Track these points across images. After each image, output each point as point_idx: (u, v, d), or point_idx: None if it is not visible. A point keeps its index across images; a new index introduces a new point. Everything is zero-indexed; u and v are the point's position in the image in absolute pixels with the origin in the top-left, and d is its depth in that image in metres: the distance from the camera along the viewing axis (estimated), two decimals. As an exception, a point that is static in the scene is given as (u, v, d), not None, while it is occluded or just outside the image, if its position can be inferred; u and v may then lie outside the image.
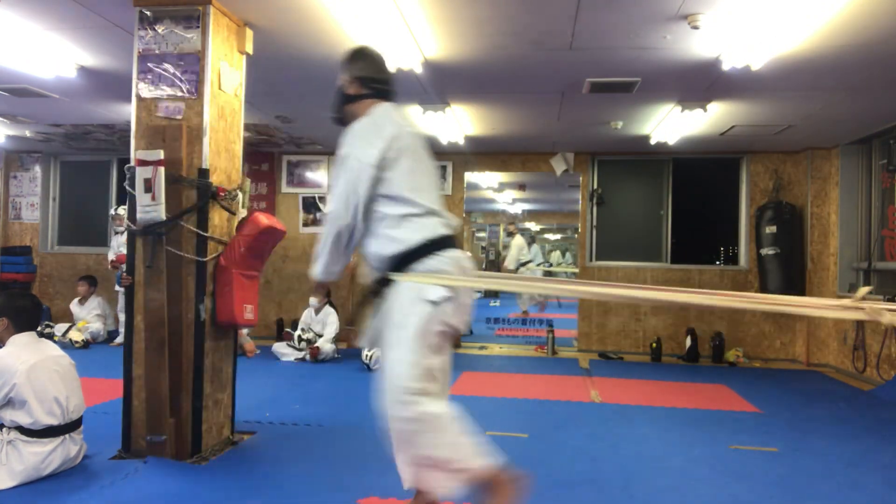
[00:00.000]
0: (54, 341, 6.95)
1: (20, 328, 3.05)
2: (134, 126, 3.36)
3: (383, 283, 2.41)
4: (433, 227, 2.39)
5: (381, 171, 2.32)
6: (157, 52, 3.36)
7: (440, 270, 2.31)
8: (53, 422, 2.96)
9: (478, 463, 2.27)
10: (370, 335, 2.53)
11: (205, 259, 3.28)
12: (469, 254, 2.52)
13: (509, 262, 11.76)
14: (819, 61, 4.15)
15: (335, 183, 2.40)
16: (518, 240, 12.07)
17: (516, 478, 2.30)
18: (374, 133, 2.36)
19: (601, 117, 5.90)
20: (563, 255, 19.61)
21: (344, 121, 2.55)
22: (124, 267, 3.35)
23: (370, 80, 2.51)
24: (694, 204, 7.60)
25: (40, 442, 2.93)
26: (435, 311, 2.26)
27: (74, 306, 7.59)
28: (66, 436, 3.03)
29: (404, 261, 2.33)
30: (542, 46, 4.06)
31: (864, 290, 1.98)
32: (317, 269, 2.54)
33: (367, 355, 6.03)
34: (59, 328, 7.33)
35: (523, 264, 11.86)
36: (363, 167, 2.30)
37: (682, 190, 7.59)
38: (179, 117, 3.32)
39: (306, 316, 6.92)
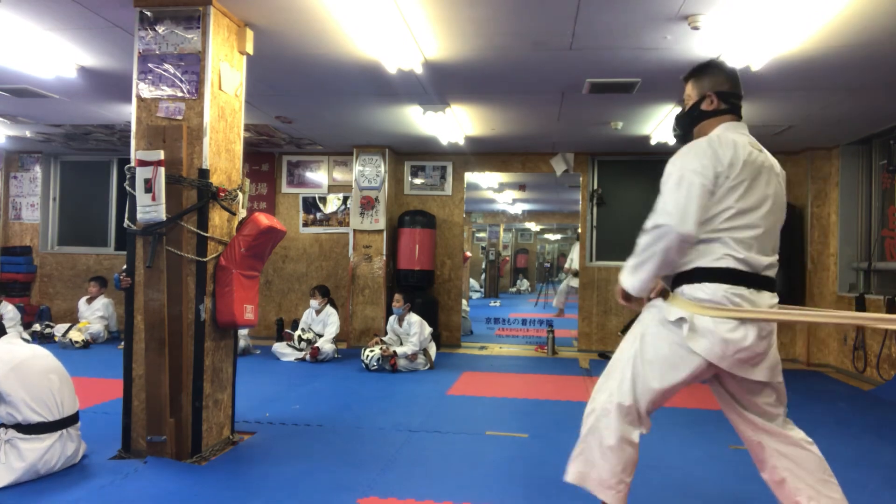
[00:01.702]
0: (54, 341, 7.02)
1: None
2: (134, 126, 3.36)
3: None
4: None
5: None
6: (157, 52, 3.36)
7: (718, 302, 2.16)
8: (48, 416, 2.97)
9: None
10: None
11: (205, 259, 3.28)
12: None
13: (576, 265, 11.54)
14: (819, 61, 4.16)
15: (668, 184, 2.29)
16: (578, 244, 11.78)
17: None
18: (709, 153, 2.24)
19: (601, 117, 5.90)
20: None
21: (686, 138, 2.44)
22: (124, 268, 3.34)
23: (730, 95, 2.38)
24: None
25: (37, 438, 2.94)
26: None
27: (82, 304, 7.64)
28: (63, 431, 3.04)
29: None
30: (542, 46, 4.06)
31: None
32: (627, 279, 2.29)
33: (366, 355, 6.03)
34: (60, 328, 7.33)
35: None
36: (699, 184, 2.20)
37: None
38: (180, 117, 3.32)
39: (306, 316, 6.92)
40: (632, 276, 2.28)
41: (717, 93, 2.38)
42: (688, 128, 2.48)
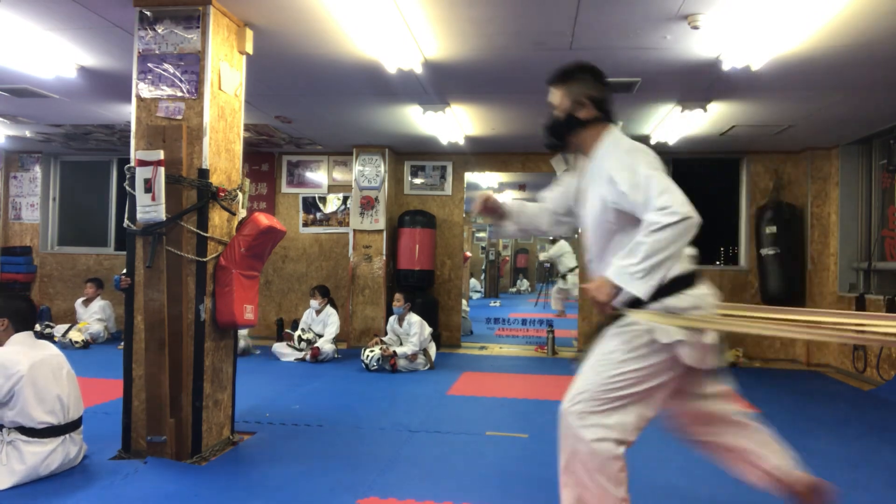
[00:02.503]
0: (54, 341, 7.00)
1: (18, 328, 3.06)
2: (134, 126, 3.36)
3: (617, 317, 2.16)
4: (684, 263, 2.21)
5: None
6: (157, 52, 3.36)
7: (683, 309, 2.12)
8: (53, 421, 2.96)
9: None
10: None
11: (205, 259, 3.28)
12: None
13: (564, 265, 11.60)
14: (819, 61, 4.16)
15: (657, 181, 2.18)
16: (563, 244, 11.83)
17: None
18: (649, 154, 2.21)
19: (601, 117, 5.89)
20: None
21: (566, 146, 2.36)
22: (125, 271, 3.34)
23: (602, 101, 2.29)
24: (694, 204, 7.53)
25: (40, 442, 2.93)
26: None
27: (79, 305, 7.63)
28: (67, 436, 3.03)
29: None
30: (542, 46, 4.06)
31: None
32: (643, 286, 2.05)
33: (367, 355, 6.03)
34: (60, 328, 7.33)
35: (571, 270, 11.54)
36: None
37: (682, 190, 7.57)
38: (179, 117, 3.32)
39: (307, 316, 6.92)
40: (648, 279, 2.04)
41: (591, 99, 2.28)
42: (563, 137, 2.35)
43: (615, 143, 2.26)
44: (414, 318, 6.25)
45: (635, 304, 2.11)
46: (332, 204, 8.08)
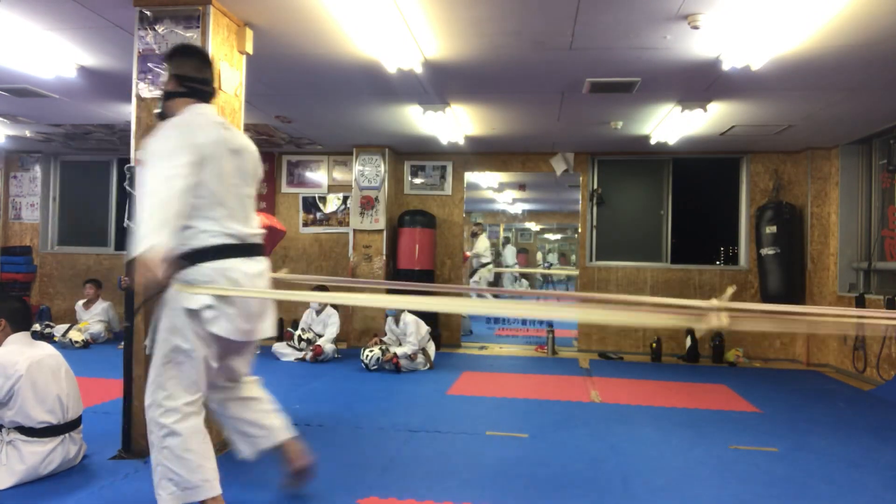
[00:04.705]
0: (54, 341, 7.01)
1: (15, 328, 3.05)
2: (134, 126, 3.36)
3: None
4: (210, 238, 2.39)
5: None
6: (157, 52, 3.36)
7: (201, 280, 2.35)
8: (53, 420, 2.96)
9: (208, 490, 2.42)
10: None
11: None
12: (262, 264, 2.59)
13: (483, 257, 11.70)
14: (819, 61, 4.16)
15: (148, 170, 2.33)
16: (482, 240, 11.99)
17: None
18: (182, 136, 2.34)
19: (601, 117, 5.90)
20: (545, 257, 19.52)
21: (164, 115, 2.54)
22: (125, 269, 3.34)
23: (189, 78, 2.50)
24: (694, 204, 7.60)
25: (40, 441, 2.93)
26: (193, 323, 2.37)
27: (79, 307, 7.61)
28: (66, 435, 3.03)
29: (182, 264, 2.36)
30: (542, 46, 4.06)
31: (729, 290, 1.98)
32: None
33: (366, 355, 6.04)
34: (60, 328, 7.33)
35: (483, 265, 11.73)
36: (176, 162, 2.28)
37: (682, 190, 7.59)
38: (179, 117, 3.32)
39: (307, 316, 6.92)
40: None
41: (177, 76, 2.49)
42: (161, 106, 2.58)
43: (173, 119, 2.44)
44: (409, 318, 6.25)
45: None
46: (332, 204, 8.08)
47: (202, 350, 2.41)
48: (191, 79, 2.50)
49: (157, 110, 2.60)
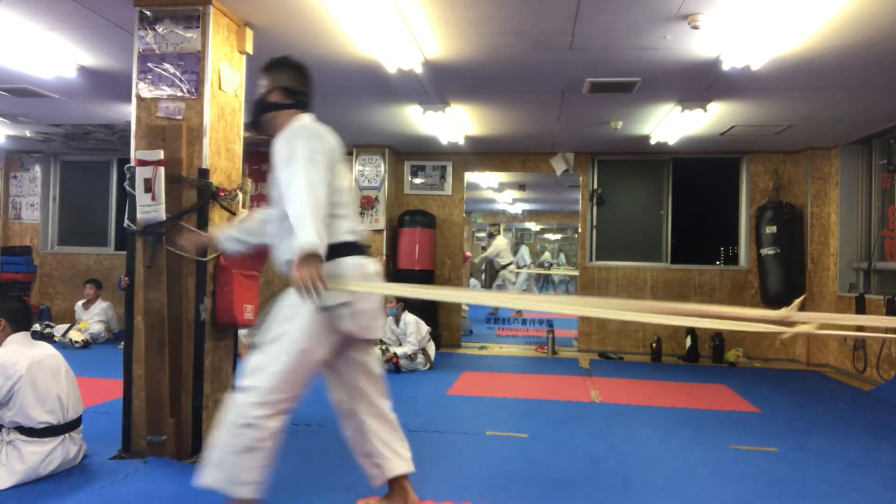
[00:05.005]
0: (54, 341, 7.00)
1: (15, 328, 3.05)
2: (134, 126, 3.36)
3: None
4: (341, 235, 2.43)
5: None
6: (157, 52, 3.36)
7: (341, 276, 2.36)
8: (53, 420, 2.96)
9: (248, 491, 2.36)
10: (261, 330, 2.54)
11: (205, 259, 3.28)
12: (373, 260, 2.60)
13: (504, 259, 11.81)
14: (819, 61, 4.15)
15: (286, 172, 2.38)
16: (499, 241, 12.09)
17: None
18: (314, 135, 2.44)
19: (601, 117, 5.90)
20: (555, 255, 19.58)
21: (261, 127, 2.62)
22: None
23: (295, 90, 2.61)
24: (694, 204, 7.60)
25: (40, 442, 2.93)
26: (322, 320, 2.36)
27: (78, 308, 7.61)
28: (66, 435, 3.03)
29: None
30: (542, 46, 4.06)
31: (797, 302, 2.01)
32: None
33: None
34: (60, 328, 7.33)
35: (503, 267, 11.86)
36: (314, 157, 2.34)
37: (682, 190, 7.59)
38: (179, 117, 3.32)
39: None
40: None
41: (284, 88, 2.58)
42: (258, 115, 2.63)
43: (290, 127, 2.48)
44: (409, 318, 6.25)
45: None
46: (332, 204, 8.06)
47: (322, 348, 2.40)
48: (297, 91, 2.61)
49: (252, 120, 2.66)
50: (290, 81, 2.60)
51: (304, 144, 2.36)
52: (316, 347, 2.38)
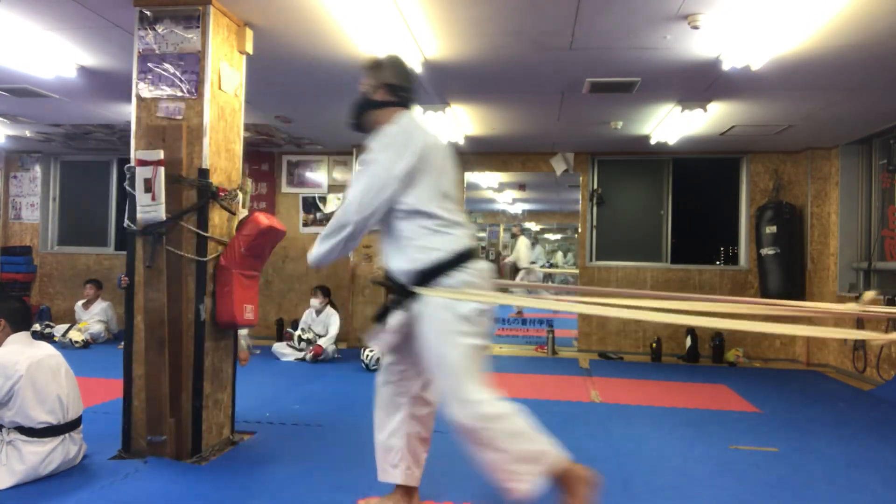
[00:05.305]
0: (54, 341, 7.01)
1: (15, 328, 3.05)
2: (134, 126, 3.36)
3: (407, 295, 2.39)
4: (458, 240, 2.39)
5: (407, 183, 2.35)
6: (157, 52, 3.36)
7: (469, 284, 2.34)
8: (53, 420, 2.96)
9: (552, 454, 2.32)
10: (387, 342, 2.50)
11: (205, 259, 3.28)
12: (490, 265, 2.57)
13: (522, 261, 11.86)
14: (819, 61, 4.15)
15: (355, 183, 2.45)
16: (524, 240, 12.20)
17: (589, 475, 2.32)
18: (403, 143, 2.39)
19: (601, 117, 5.90)
20: (565, 255, 19.63)
21: (363, 127, 2.62)
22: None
23: (401, 88, 2.56)
24: (694, 204, 7.60)
25: (40, 442, 2.93)
26: (471, 326, 2.35)
27: (78, 308, 7.60)
28: (66, 435, 3.03)
29: (432, 274, 2.35)
30: (542, 46, 4.06)
31: (869, 294, 1.99)
32: (312, 256, 2.55)
33: (367, 355, 6.03)
34: (60, 328, 7.33)
35: (523, 267, 12.04)
36: (390, 178, 2.34)
37: (682, 190, 7.59)
38: (179, 117, 3.32)
39: (307, 316, 6.92)
40: (316, 264, 2.61)
41: (389, 85, 2.56)
42: (361, 113, 2.66)
43: (386, 127, 2.49)
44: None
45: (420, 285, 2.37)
46: (333, 204, 8.07)
47: (477, 332, 2.42)
48: (400, 87, 2.57)
49: (354, 118, 2.70)
50: (394, 78, 2.57)
51: (385, 159, 2.38)
52: (479, 340, 2.43)
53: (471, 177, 9.00)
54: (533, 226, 19.69)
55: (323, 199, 8.10)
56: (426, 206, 2.36)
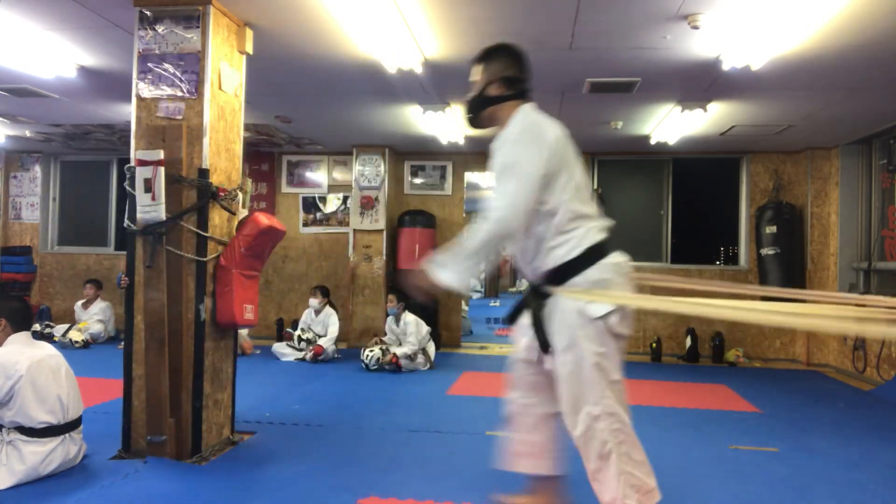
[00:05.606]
0: (54, 341, 7.01)
1: (16, 328, 3.05)
2: (134, 126, 3.36)
3: (541, 296, 2.26)
4: (592, 234, 2.25)
5: (548, 180, 2.22)
6: (157, 52, 3.36)
7: (603, 281, 2.18)
8: (53, 420, 2.96)
9: (657, 497, 2.27)
10: (528, 345, 2.38)
11: (205, 259, 3.28)
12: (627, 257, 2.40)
13: None
14: (819, 61, 4.15)
15: (501, 187, 2.26)
16: None
17: None
18: (538, 139, 2.25)
19: (601, 117, 5.90)
20: None
21: (481, 124, 2.45)
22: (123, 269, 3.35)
23: (517, 80, 2.39)
24: (694, 204, 7.60)
25: (40, 442, 2.93)
26: (605, 328, 2.15)
27: (78, 308, 7.60)
28: (66, 435, 3.03)
29: (566, 273, 2.19)
30: (542, 46, 4.06)
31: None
32: (456, 277, 2.26)
33: (367, 355, 6.04)
34: (59, 328, 7.33)
35: None
36: (536, 177, 2.19)
37: (682, 190, 7.59)
38: (179, 117, 3.32)
39: (306, 316, 6.92)
40: (454, 271, 2.34)
41: (505, 78, 2.39)
42: (477, 111, 2.48)
43: (513, 123, 2.35)
44: (409, 318, 6.25)
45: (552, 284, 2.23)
46: (332, 204, 8.08)
47: (614, 354, 2.22)
48: (516, 79, 2.42)
49: (470, 117, 2.51)
50: (508, 70, 2.40)
51: (526, 157, 2.22)
52: (611, 355, 2.19)
53: (471, 177, 8.99)
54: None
55: (323, 199, 8.10)
56: (565, 201, 2.23)
